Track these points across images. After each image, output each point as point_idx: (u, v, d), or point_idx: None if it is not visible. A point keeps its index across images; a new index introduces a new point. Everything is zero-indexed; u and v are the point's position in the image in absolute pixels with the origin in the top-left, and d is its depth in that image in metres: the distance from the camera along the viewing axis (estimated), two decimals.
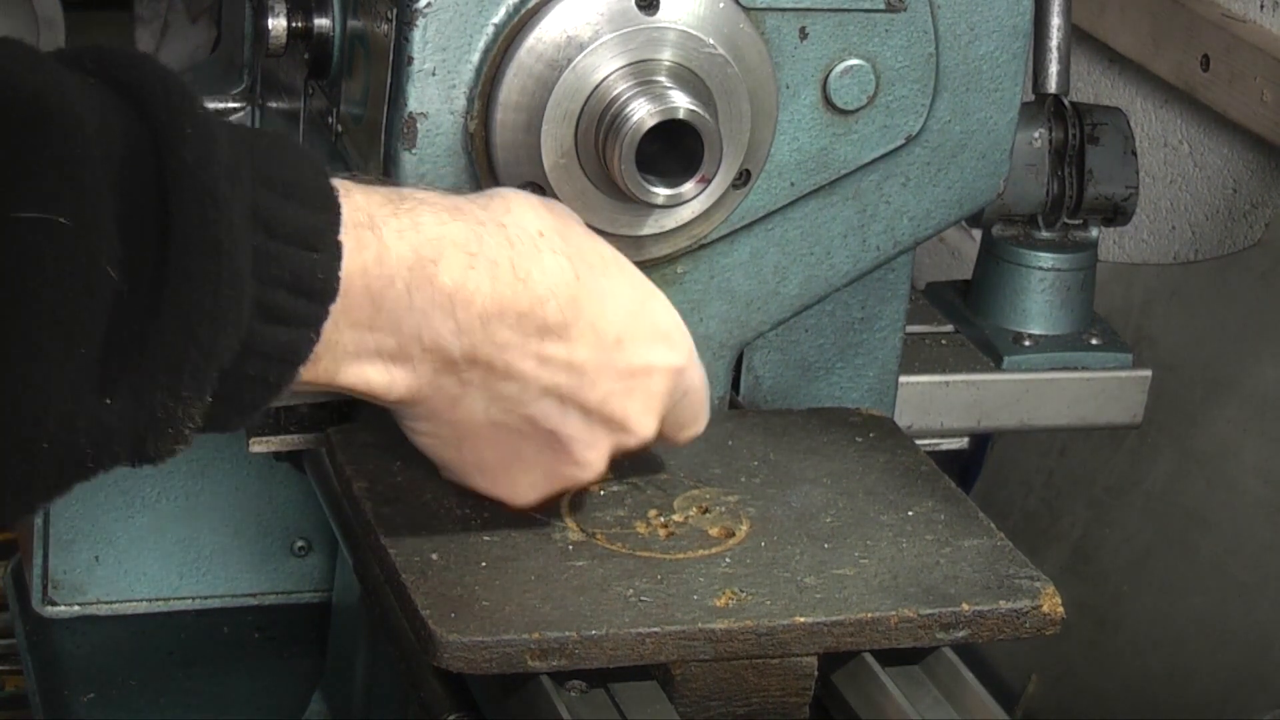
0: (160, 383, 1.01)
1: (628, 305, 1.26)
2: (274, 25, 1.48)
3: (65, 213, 0.94)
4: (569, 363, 1.23)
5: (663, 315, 1.30)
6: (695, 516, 1.39)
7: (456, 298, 1.16)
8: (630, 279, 1.28)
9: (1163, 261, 2.31)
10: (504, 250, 1.19)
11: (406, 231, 1.14)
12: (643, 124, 1.35)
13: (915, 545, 1.37)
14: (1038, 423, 1.78)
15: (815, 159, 1.49)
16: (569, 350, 1.23)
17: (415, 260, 1.14)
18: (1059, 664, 2.22)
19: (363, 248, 1.11)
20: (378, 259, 1.12)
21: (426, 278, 1.15)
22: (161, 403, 1.02)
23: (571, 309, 1.22)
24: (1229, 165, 2.22)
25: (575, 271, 1.23)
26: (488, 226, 1.19)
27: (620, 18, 1.38)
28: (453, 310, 1.16)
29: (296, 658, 1.82)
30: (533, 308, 1.20)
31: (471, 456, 1.27)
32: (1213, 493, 2.10)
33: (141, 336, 0.99)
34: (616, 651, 1.24)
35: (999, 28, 1.51)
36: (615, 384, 1.26)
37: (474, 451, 1.27)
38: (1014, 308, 1.79)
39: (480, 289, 1.17)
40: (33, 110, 0.94)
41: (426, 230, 1.15)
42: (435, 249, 1.15)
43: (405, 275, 1.14)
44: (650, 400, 1.29)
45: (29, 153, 0.94)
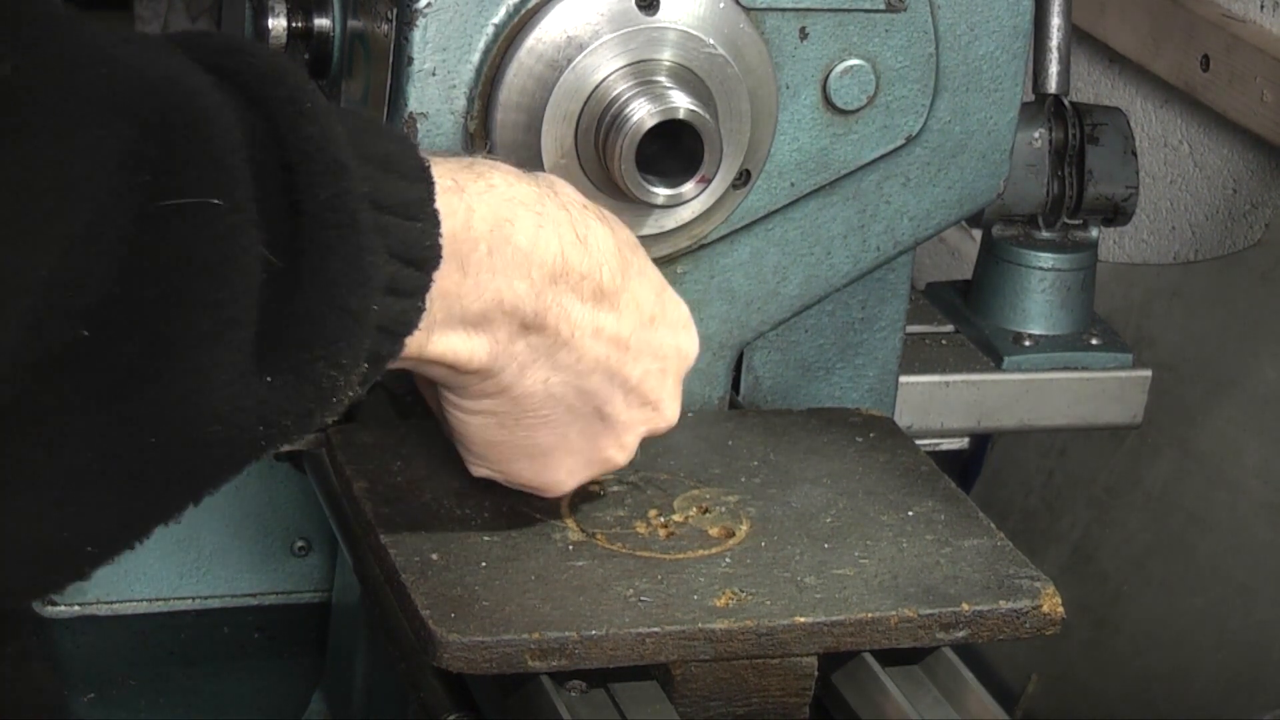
0: (320, 354, 1.03)
1: (655, 287, 1.28)
2: (274, 25, 1.48)
3: (219, 196, 0.96)
4: (616, 335, 1.25)
5: (681, 305, 1.31)
6: (695, 516, 1.39)
7: (532, 256, 1.18)
8: (654, 269, 1.30)
9: (1163, 261, 2.31)
10: (563, 214, 1.21)
11: (484, 193, 1.16)
12: (643, 124, 1.35)
13: (915, 545, 1.37)
14: (1038, 423, 1.78)
15: (815, 159, 1.49)
16: (617, 322, 1.24)
17: (495, 221, 1.16)
18: (1059, 664, 2.22)
19: (452, 213, 1.12)
20: (465, 224, 1.14)
21: (504, 237, 1.16)
22: (324, 372, 1.03)
23: (621, 277, 1.24)
24: (1229, 165, 2.22)
25: (619, 243, 1.25)
26: (545, 189, 1.21)
27: (620, 18, 1.38)
28: (528, 269, 1.18)
29: (296, 658, 1.82)
30: (591, 270, 1.22)
31: (524, 437, 1.27)
32: (1213, 493, 2.10)
33: (292, 312, 1.01)
34: (616, 651, 1.24)
35: (999, 28, 1.51)
36: (652, 363, 1.27)
37: (528, 431, 1.27)
38: (1014, 308, 1.79)
39: (550, 248, 1.19)
40: (174, 100, 0.95)
41: (500, 191, 1.17)
42: (510, 209, 1.17)
43: (488, 237, 1.16)
44: (676, 384, 1.30)
45: (179, 142, 0.95)
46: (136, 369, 0.94)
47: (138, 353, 0.94)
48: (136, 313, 0.94)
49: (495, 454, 1.29)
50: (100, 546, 0.99)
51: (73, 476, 0.95)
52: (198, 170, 0.95)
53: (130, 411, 0.95)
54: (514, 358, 1.21)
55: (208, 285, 0.96)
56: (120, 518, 0.98)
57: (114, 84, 0.92)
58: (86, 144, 0.91)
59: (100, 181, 0.91)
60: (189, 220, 0.95)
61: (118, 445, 0.95)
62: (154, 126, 0.93)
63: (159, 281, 0.94)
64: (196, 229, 0.95)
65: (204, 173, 0.95)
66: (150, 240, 0.93)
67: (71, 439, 0.94)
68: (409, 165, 1.10)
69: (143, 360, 0.94)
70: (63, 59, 0.91)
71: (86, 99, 0.91)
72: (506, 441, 1.27)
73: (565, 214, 1.21)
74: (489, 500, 1.36)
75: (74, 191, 0.90)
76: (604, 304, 1.23)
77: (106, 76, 0.92)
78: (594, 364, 1.24)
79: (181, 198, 0.94)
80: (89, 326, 0.92)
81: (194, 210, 0.95)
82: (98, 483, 0.96)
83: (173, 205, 0.94)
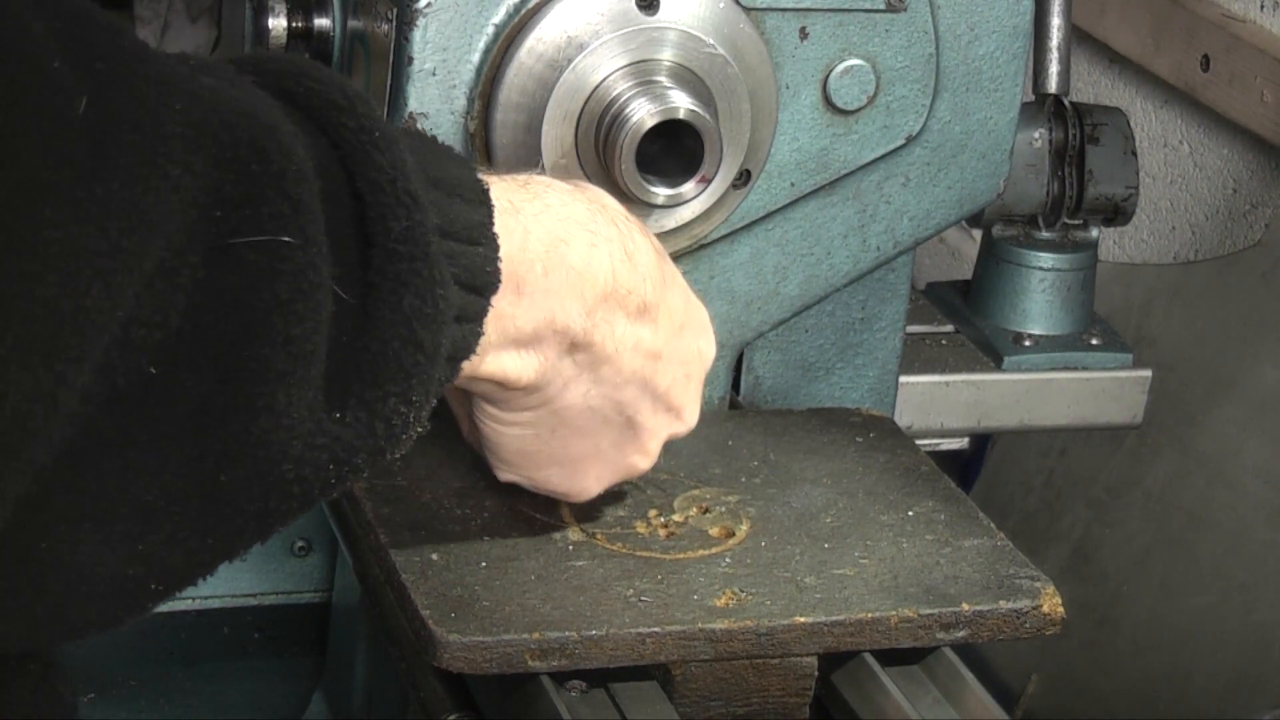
0: (392, 391, 1.02)
1: (683, 292, 1.28)
2: (274, 25, 1.48)
3: (292, 233, 0.95)
4: (653, 348, 1.25)
5: (702, 308, 1.31)
6: (695, 516, 1.39)
7: (585, 276, 1.18)
8: (677, 270, 1.30)
9: (1163, 261, 2.31)
10: (613, 230, 1.21)
11: (540, 214, 1.16)
12: (643, 124, 1.35)
13: (915, 545, 1.37)
14: (1038, 423, 1.78)
15: (815, 159, 1.49)
16: (654, 334, 1.24)
17: (550, 241, 1.16)
18: (1059, 664, 2.22)
19: (509, 234, 1.12)
20: (522, 245, 1.14)
21: (559, 257, 1.16)
22: (396, 409, 1.02)
23: (660, 291, 1.24)
24: (1229, 165, 2.22)
25: (657, 251, 1.25)
26: (597, 206, 1.21)
27: (620, 18, 1.38)
28: (581, 289, 1.18)
29: (296, 658, 1.82)
30: (637, 286, 1.22)
31: (559, 446, 1.27)
32: (1213, 493, 2.10)
33: (364, 348, 1.00)
34: (616, 651, 1.24)
35: (999, 28, 1.51)
36: (679, 370, 1.27)
37: (563, 441, 1.26)
38: (1014, 308, 1.79)
39: (602, 267, 1.19)
40: (248, 135, 0.94)
41: (555, 211, 1.17)
42: (565, 229, 1.17)
43: (543, 257, 1.15)
44: (698, 389, 1.30)
45: (254, 177, 0.94)
46: (207, 406, 0.94)
47: (208, 390, 0.93)
48: (207, 350, 0.93)
49: (527, 462, 1.29)
50: (166, 583, 0.97)
51: (141, 513, 0.94)
52: (272, 206, 0.94)
53: (201, 449, 0.94)
54: (560, 374, 1.21)
55: (279, 323, 0.95)
56: (188, 555, 0.97)
57: (190, 120, 0.92)
58: (164, 183, 0.90)
59: (177, 220, 0.90)
60: (261, 257, 0.94)
61: (188, 483, 0.94)
62: (228, 162, 0.93)
63: (230, 319, 0.93)
64: (268, 266, 0.94)
65: (278, 208, 0.95)
66: (222, 277, 0.92)
67: (141, 476, 0.93)
68: (471, 189, 1.10)
69: (213, 398, 0.94)
70: (138, 94, 0.90)
71: (163, 136, 0.90)
72: (540, 451, 1.27)
73: (615, 230, 1.21)
74: (489, 500, 1.36)
75: (151, 231, 0.89)
76: (645, 318, 1.23)
77: (183, 111, 0.91)
78: (631, 376, 1.24)
79: (255, 234, 0.93)
80: (158, 364, 0.91)
81: (266, 247, 0.94)
82: (167, 520, 0.95)
83: (245, 243, 0.93)
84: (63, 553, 0.92)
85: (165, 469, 0.94)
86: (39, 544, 0.92)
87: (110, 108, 0.88)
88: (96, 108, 0.88)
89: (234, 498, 0.97)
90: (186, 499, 0.95)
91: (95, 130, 0.87)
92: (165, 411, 0.93)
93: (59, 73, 0.86)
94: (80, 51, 0.88)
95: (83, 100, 0.87)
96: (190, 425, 0.94)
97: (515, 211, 1.14)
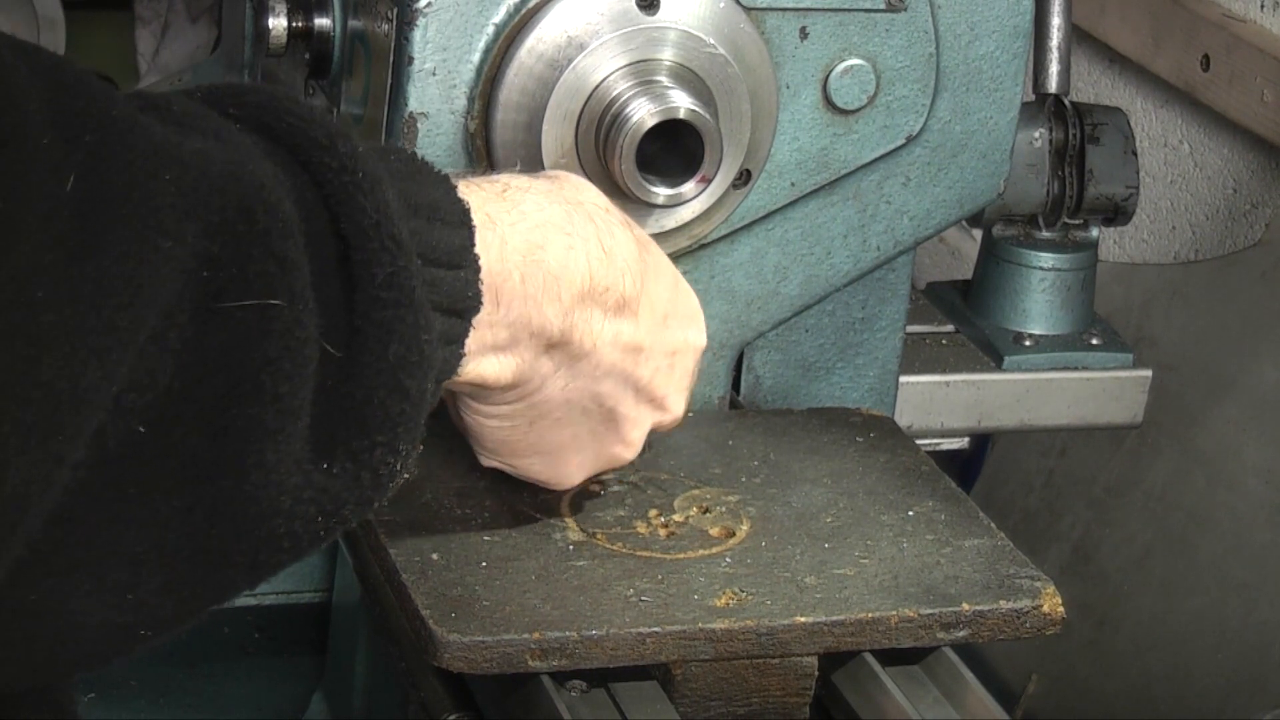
0: (379, 441, 1.01)
1: (669, 282, 1.28)
2: (274, 25, 1.48)
3: (280, 293, 0.95)
4: (633, 341, 1.25)
5: (691, 296, 1.31)
6: (695, 516, 1.39)
7: (561, 279, 1.18)
8: (665, 258, 1.30)
9: (1163, 261, 2.31)
10: (590, 227, 1.21)
11: (517, 223, 1.16)
12: (643, 124, 1.35)
13: (915, 545, 1.37)
14: (1038, 423, 1.78)
15: (815, 159, 1.49)
16: (634, 328, 1.24)
17: (527, 248, 1.16)
18: (1059, 664, 2.22)
19: (487, 248, 1.12)
20: (499, 256, 1.14)
21: (536, 263, 1.16)
22: (383, 459, 1.02)
23: (640, 283, 1.24)
24: (1229, 165, 2.22)
25: (637, 242, 1.25)
26: (573, 205, 1.21)
27: (620, 18, 1.38)
28: (558, 292, 1.18)
29: (296, 658, 1.82)
30: (615, 282, 1.22)
31: (537, 437, 1.27)
32: (1213, 493, 2.10)
33: (350, 398, 1.00)
34: (617, 651, 1.24)
35: (999, 28, 1.51)
36: (661, 361, 1.27)
37: (542, 432, 1.27)
38: (1014, 308, 1.79)
39: (578, 268, 1.19)
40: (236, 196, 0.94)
41: (532, 217, 1.17)
42: (542, 235, 1.17)
43: (520, 265, 1.15)
44: (683, 379, 1.30)
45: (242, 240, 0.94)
46: (196, 463, 0.94)
47: (197, 448, 0.93)
48: (195, 409, 0.93)
49: (508, 451, 1.29)
50: (155, 630, 0.98)
51: (132, 565, 0.94)
52: (259, 266, 0.94)
53: (191, 504, 0.94)
54: (538, 371, 1.21)
55: (267, 381, 0.95)
56: (178, 604, 0.97)
57: (180, 189, 0.91)
58: (156, 256, 0.89)
59: (168, 289, 0.90)
60: (249, 316, 0.94)
61: (178, 537, 0.95)
62: (217, 227, 0.93)
63: (217, 378, 0.93)
64: (256, 327, 0.94)
65: (265, 268, 0.94)
66: (210, 338, 0.92)
67: (131, 529, 0.93)
68: (452, 211, 1.09)
69: (202, 455, 0.93)
70: (128, 167, 0.89)
71: (154, 209, 0.90)
72: (521, 441, 1.28)
73: (593, 226, 1.21)
74: (489, 500, 1.36)
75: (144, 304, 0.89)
76: (624, 312, 1.23)
77: (173, 181, 0.91)
78: (610, 369, 1.24)
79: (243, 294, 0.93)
80: (148, 424, 0.91)
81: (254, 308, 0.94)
82: (157, 572, 0.95)
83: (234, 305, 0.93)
84: (54, 604, 0.93)
85: (155, 523, 0.94)
86: (30, 596, 0.92)
87: (101, 183, 0.88)
88: (87, 183, 0.87)
89: (224, 550, 0.97)
90: (177, 552, 0.95)
91: (85, 207, 0.87)
92: (156, 468, 0.93)
93: (49, 148, 0.86)
94: (70, 124, 0.88)
95: (70, 178, 0.86)
96: (180, 481, 0.94)
97: (493, 224, 1.14)
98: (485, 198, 1.15)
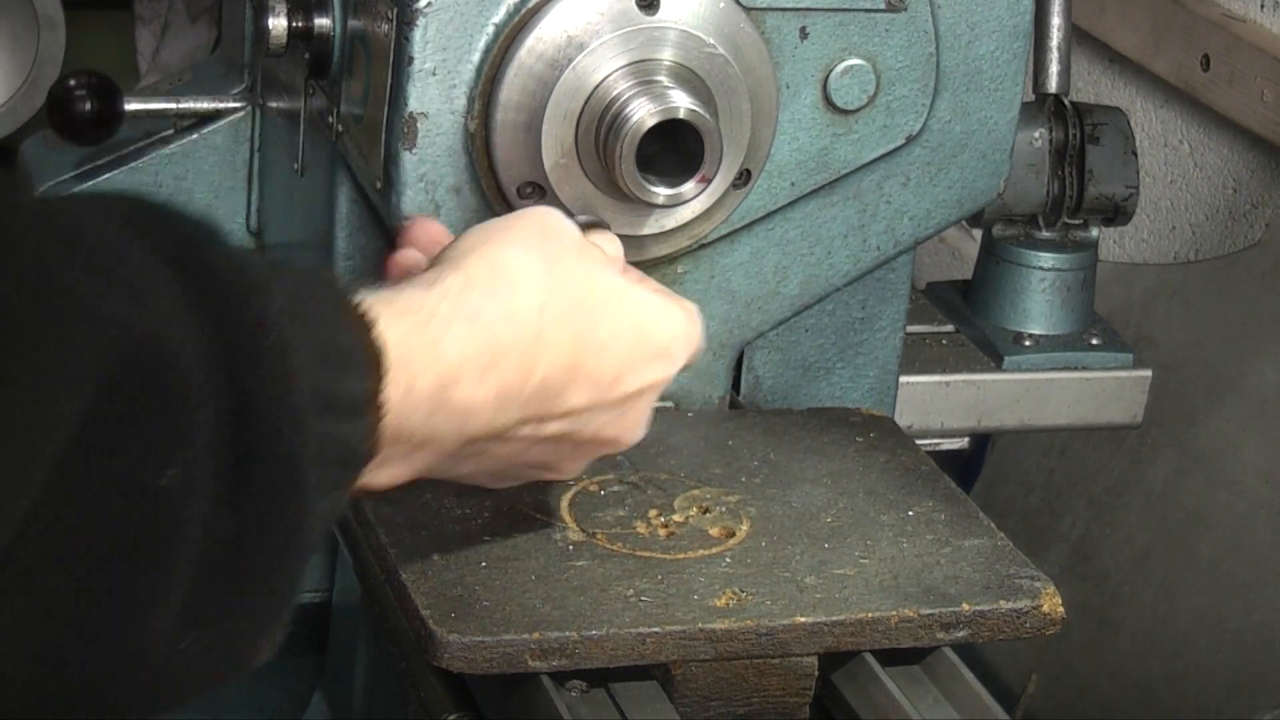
0: (251, 617, 1.01)
1: (626, 339, 1.23)
2: (274, 25, 1.48)
3: (174, 462, 0.94)
4: (559, 431, 1.21)
5: (663, 330, 1.25)
6: (695, 516, 1.39)
7: (469, 412, 1.15)
8: (630, 306, 1.24)
9: (1163, 261, 2.31)
10: (515, 343, 1.17)
11: (431, 362, 1.13)
12: (643, 124, 1.35)
13: (915, 545, 1.37)
14: (1038, 423, 1.78)
15: (815, 159, 1.49)
16: (564, 409, 1.21)
17: (437, 387, 1.13)
18: (1059, 664, 2.22)
19: (394, 385, 1.10)
20: (406, 391, 1.11)
21: (444, 401, 1.14)
22: (257, 633, 1.02)
23: (569, 374, 1.20)
24: (1229, 165, 2.22)
25: (575, 334, 1.20)
26: (497, 326, 1.17)
27: (620, 17, 1.38)
28: (464, 423, 1.16)
29: (296, 658, 1.82)
30: (535, 393, 1.19)
31: (468, 476, 1.26)
32: (1213, 493, 2.10)
33: (228, 574, 0.99)
34: (617, 651, 1.24)
35: (999, 28, 1.51)
36: (609, 413, 1.23)
37: (468, 475, 1.25)
38: (1014, 308, 1.79)
39: (488, 398, 1.16)
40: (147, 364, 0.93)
41: (449, 355, 1.14)
42: (455, 373, 1.14)
43: (427, 403, 1.13)
44: (642, 413, 1.27)
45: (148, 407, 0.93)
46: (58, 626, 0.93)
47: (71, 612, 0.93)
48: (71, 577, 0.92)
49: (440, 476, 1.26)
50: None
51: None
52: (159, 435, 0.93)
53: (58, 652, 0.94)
54: (447, 463, 1.19)
55: (150, 554, 0.94)
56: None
57: (92, 350, 0.90)
58: (41, 414, 0.88)
59: (61, 449, 0.89)
60: (136, 485, 0.93)
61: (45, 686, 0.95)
62: (123, 392, 0.91)
63: (96, 549, 0.92)
64: (148, 506, 0.93)
65: (162, 440, 0.93)
66: (92, 510, 0.91)
67: None
68: (365, 358, 1.07)
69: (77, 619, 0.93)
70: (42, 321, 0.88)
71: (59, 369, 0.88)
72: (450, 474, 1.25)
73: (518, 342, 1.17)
74: (489, 500, 1.36)
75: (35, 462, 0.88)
76: (546, 408, 1.20)
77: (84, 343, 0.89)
78: (537, 442, 1.22)
79: (138, 465, 0.92)
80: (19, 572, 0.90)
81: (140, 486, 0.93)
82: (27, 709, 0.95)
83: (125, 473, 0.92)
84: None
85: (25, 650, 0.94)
86: None
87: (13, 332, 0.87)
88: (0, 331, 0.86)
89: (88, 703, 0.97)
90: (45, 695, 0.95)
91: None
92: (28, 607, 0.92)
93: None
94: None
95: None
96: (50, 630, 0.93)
97: (405, 363, 1.11)
98: (407, 329, 1.12)
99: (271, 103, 1.73)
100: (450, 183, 1.41)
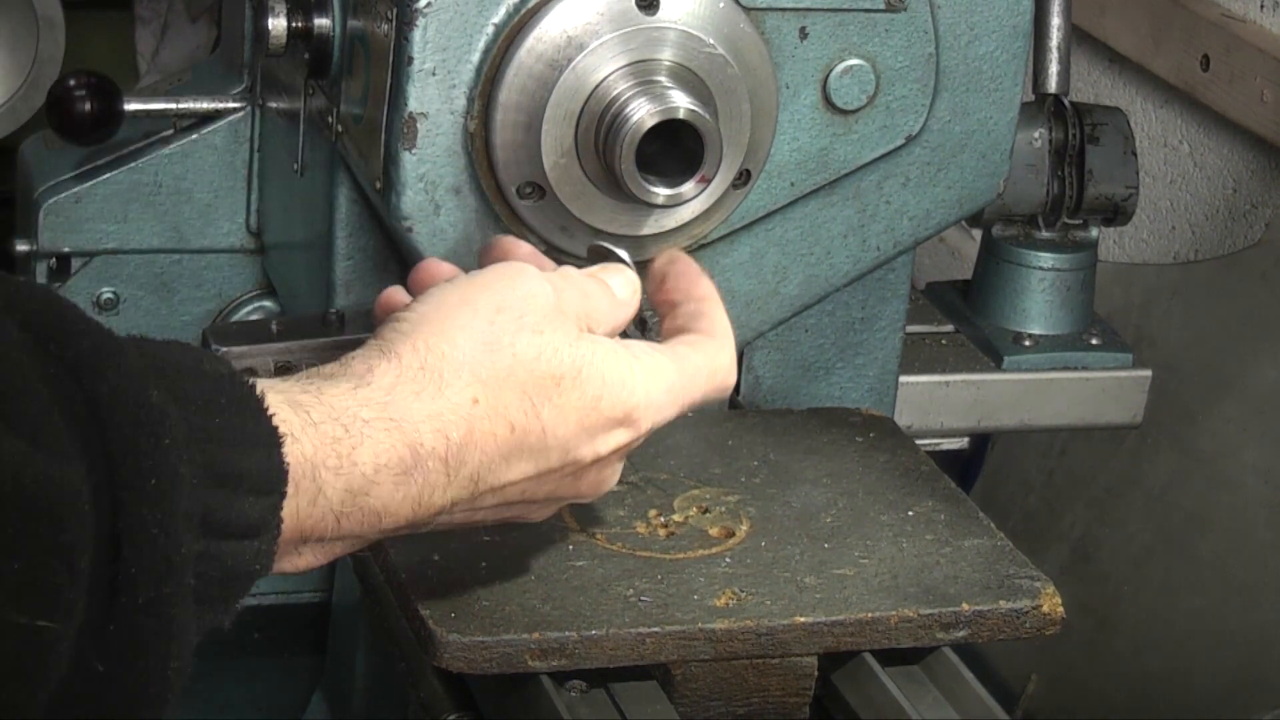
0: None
1: (574, 418, 1.18)
2: (274, 25, 1.48)
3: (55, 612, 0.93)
4: (503, 489, 1.18)
5: (621, 402, 1.19)
6: (695, 516, 1.39)
7: (385, 512, 1.13)
8: (585, 382, 1.18)
9: (1163, 261, 2.31)
10: (439, 445, 1.14)
11: (343, 473, 1.11)
12: (643, 124, 1.35)
13: (915, 545, 1.37)
14: (1038, 423, 1.78)
15: (815, 159, 1.49)
16: (502, 483, 1.17)
17: (347, 496, 1.11)
18: (1059, 664, 2.22)
19: (299, 494, 1.08)
20: (312, 500, 1.09)
21: (357, 507, 1.12)
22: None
23: (504, 460, 1.17)
24: (1229, 165, 2.22)
25: (511, 423, 1.16)
26: (422, 428, 1.13)
27: (620, 18, 1.38)
28: (380, 521, 1.13)
29: (296, 658, 1.82)
30: (464, 483, 1.15)
31: None
32: (1213, 493, 2.10)
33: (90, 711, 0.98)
34: (616, 651, 1.24)
35: (999, 28, 1.51)
36: (560, 479, 1.20)
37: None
38: (1014, 308, 1.79)
39: (407, 497, 1.14)
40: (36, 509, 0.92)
41: (363, 465, 1.11)
42: (368, 483, 1.11)
43: (336, 511, 1.11)
44: (605, 475, 1.23)
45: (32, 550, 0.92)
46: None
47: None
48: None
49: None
50: None
51: None
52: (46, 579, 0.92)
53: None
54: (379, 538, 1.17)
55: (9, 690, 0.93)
56: None
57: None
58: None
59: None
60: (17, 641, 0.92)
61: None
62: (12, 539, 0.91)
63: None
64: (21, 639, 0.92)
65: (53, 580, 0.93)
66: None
67: None
68: (264, 478, 1.05)
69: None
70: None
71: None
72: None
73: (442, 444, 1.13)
74: None
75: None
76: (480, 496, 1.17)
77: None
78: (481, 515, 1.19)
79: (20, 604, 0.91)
80: None
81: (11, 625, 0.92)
82: None
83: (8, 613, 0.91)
84: None
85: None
86: None
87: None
88: None
89: None
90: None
91: None
92: None
93: None
94: None
95: None
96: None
97: (313, 477, 1.09)
98: (317, 446, 1.09)
99: (271, 103, 1.73)
100: (450, 183, 1.41)
